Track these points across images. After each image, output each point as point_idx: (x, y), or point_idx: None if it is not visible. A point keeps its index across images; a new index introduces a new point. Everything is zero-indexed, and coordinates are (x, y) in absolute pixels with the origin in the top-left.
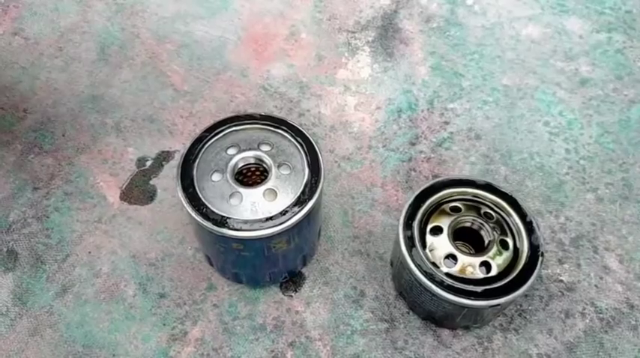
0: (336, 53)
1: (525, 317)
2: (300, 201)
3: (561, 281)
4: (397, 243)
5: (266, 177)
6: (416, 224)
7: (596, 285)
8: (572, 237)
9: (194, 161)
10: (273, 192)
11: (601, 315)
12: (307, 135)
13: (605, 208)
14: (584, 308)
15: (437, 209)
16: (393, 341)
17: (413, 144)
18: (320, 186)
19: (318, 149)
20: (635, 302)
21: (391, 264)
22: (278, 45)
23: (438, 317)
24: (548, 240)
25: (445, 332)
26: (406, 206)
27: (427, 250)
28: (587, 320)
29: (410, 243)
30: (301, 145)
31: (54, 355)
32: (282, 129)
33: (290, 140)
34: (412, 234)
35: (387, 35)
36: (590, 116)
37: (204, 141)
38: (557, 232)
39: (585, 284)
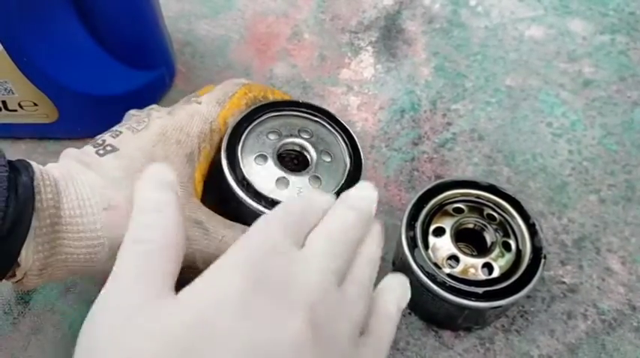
0: (339, 53)
1: (527, 319)
2: (342, 190)
3: (563, 282)
4: (399, 243)
5: (307, 164)
6: (418, 225)
7: (598, 287)
8: (574, 238)
9: (237, 145)
10: (317, 180)
11: (603, 317)
12: (344, 123)
13: (608, 210)
14: (586, 310)
15: (440, 210)
16: (395, 342)
17: (416, 145)
18: (362, 175)
19: (356, 137)
20: (638, 304)
21: (393, 265)
22: (281, 45)
23: (439, 319)
24: (551, 241)
25: (447, 334)
26: (409, 207)
27: (429, 251)
28: (589, 322)
29: (412, 244)
30: (340, 134)
31: (56, 353)
32: (320, 118)
33: (328, 128)
34: (415, 234)
35: (390, 36)
36: (593, 117)
37: (245, 126)
38: (560, 233)
39: (587, 286)
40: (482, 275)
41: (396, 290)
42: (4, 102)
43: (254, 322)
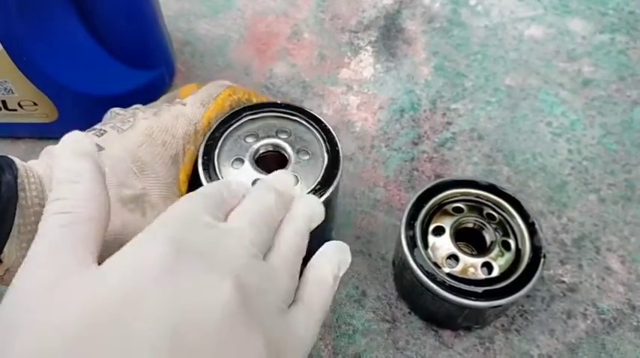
0: (339, 53)
1: (527, 318)
2: (319, 186)
3: (563, 282)
4: (399, 243)
5: (286, 164)
6: (418, 224)
7: (597, 286)
8: (574, 237)
9: (214, 150)
10: (294, 178)
11: (603, 316)
12: (324, 121)
13: (608, 209)
14: (585, 309)
15: (439, 209)
16: (395, 341)
17: (415, 144)
18: (339, 172)
19: (334, 134)
20: (637, 304)
21: (393, 264)
22: (281, 44)
23: (439, 318)
24: (551, 240)
25: (447, 333)
26: (409, 206)
27: (429, 250)
28: (589, 321)
29: (412, 243)
30: (318, 131)
31: None
32: (299, 117)
33: (306, 126)
34: (414, 234)
35: (389, 35)
36: (592, 117)
37: (222, 130)
38: (560, 233)
39: (587, 285)
40: (481, 275)
41: (329, 256)
42: (3, 102)
43: (179, 288)
